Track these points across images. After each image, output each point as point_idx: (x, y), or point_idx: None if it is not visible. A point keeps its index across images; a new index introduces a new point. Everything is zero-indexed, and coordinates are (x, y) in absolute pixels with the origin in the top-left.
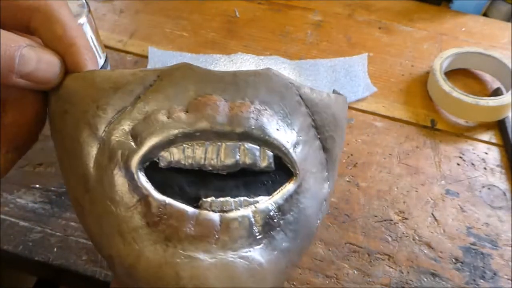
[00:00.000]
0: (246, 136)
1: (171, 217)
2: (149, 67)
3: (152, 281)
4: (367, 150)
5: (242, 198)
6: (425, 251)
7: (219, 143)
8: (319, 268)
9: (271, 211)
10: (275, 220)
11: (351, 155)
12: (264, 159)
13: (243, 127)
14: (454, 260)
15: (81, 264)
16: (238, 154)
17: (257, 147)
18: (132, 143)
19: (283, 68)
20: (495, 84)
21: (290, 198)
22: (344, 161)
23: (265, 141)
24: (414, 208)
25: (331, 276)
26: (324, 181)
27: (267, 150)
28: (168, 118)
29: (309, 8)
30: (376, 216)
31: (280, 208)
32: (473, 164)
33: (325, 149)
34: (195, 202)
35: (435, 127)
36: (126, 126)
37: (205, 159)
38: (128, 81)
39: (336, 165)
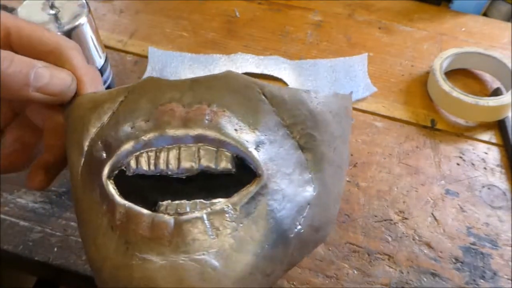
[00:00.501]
0: (202, 138)
1: (130, 220)
2: (149, 67)
3: (112, 283)
4: (367, 150)
5: (198, 201)
6: (425, 251)
7: (178, 148)
8: (319, 268)
9: (227, 212)
10: (232, 222)
11: (351, 155)
12: (222, 161)
13: (196, 129)
14: (454, 260)
15: (81, 264)
16: (195, 157)
17: (214, 148)
18: (104, 155)
19: (283, 68)
20: (495, 84)
21: (252, 199)
22: None
23: (221, 142)
24: (414, 208)
25: (331, 276)
26: (305, 184)
27: (225, 152)
28: (131, 128)
29: (309, 8)
30: (376, 216)
31: (238, 210)
32: (473, 164)
33: (303, 148)
34: (154, 206)
35: (435, 127)
36: (101, 140)
37: (166, 165)
38: (103, 99)
39: (324, 165)
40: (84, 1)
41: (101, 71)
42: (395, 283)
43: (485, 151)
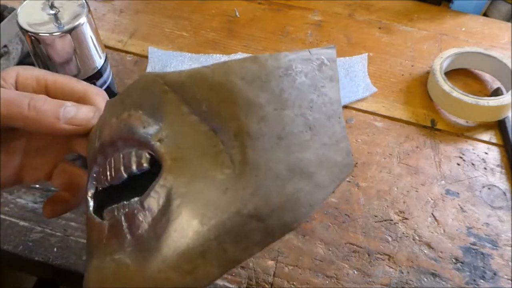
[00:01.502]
0: (117, 142)
1: (90, 227)
2: (149, 67)
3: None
4: (367, 150)
5: (122, 203)
6: (425, 251)
7: (111, 158)
8: (319, 268)
9: (136, 209)
10: (142, 219)
11: (351, 155)
12: (137, 161)
13: (115, 134)
14: (454, 260)
15: (81, 264)
16: (121, 163)
17: (132, 151)
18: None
19: None
20: (495, 84)
21: (155, 194)
22: None
23: (132, 142)
24: (414, 208)
25: (331, 276)
26: (221, 167)
27: (139, 151)
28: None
29: (309, 8)
30: (376, 216)
31: (144, 206)
32: (473, 164)
33: (215, 129)
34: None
35: (435, 127)
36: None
37: (105, 180)
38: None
39: (244, 141)
40: (84, 1)
41: (101, 71)
42: (395, 283)
43: (485, 151)
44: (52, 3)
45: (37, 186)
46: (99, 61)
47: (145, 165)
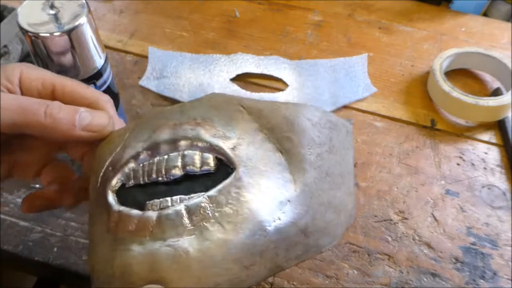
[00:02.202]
0: (180, 139)
1: (121, 220)
2: (149, 67)
3: (100, 277)
4: (367, 150)
5: (179, 196)
6: (425, 251)
7: (164, 156)
8: (319, 268)
9: (202, 202)
10: (208, 211)
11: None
12: (202, 162)
13: (178, 135)
14: (454, 260)
15: (81, 264)
16: (179, 161)
17: (196, 152)
18: (112, 174)
19: (283, 68)
20: (495, 84)
21: (226, 191)
22: None
23: (201, 144)
24: (414, 208)
25: (331, 276)
26: (286, 183)
27: (205, 153)
28: (135, 152)
29: (309, 8)
30: (376, 216)
31: (213, 200)
32: (473, 164)
33: (282, 151)
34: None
35: (435, 127)
36: (112, 165)
37: (155, 172)
38: (117, 134)
39: (305, 166)
40: (84, 1)
41: (101, 71)
42: (395, 283)
43: (485, 151)
44: (52, 3)
45: (37, 186)
46: (99, 61)
47: (212, 165)
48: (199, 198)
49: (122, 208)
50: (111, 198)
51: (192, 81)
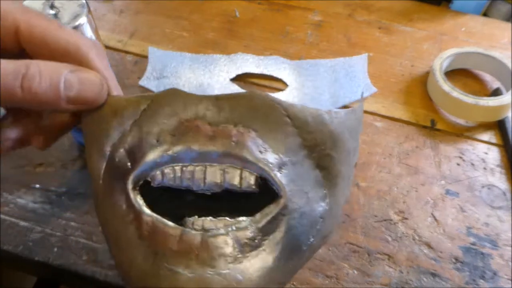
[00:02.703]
0: (228, 158)
1: (158, 232)
2: (149, 67)
3: (140, 287)
4: (367, 150)
5: (222, 218)
6: (425, 251)
7: (204, 165)
8: (319, 268)
9: (250, 231)
10: (256, 241)
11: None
12: (246, 181)
13: (224, 150)
14: (454, 260)
15: (81, 264)
16: (221, 175)
17: (239, 168)
18: (129, 164)
19: (283, 68)
20: (495, 84)
21: (273, 219)
22: None
23: (246, 163)
24: (414, 208)
25: (331, 276)
26: (320, 200)
27: (248, 172)
28: (157, 141)
29: (309, 8)
30: (376, 216)
31: (261, 229)
32: (473, 164)
33: (320, 167)
34: (180, 219)
35: (435, 127)
36: (124, 147)
37: (191, 180)
38: (123, 106)
39: (338, 181)
40: (84, 1)
41: None
42: (395, 283)
43: (485, 151)
44: (52, 3)
45: (37, 186)
46: None
47: (255, 186)
48: (245, 224)
49: (156, 217)
50: (139, 199)
51: (192, 81)
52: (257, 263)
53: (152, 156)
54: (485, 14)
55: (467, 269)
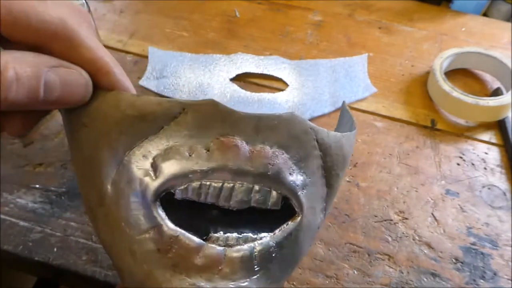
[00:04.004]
0: (262, 179)
1: (181, 247)
2: (149, 67)
3: None
4: (367, 150)
5: (246, 235)
6: (425, 251)
7: (234, 183)
8: (319, 268)
9: (270, 247)
10: (273, 255)
11: (351, 155)
12: (272, 200)
13: (260, 171)
14: (454, 260)
15: (81, 264)
16: (251, 194)
17: (268, 189)
18: (152, 173)
19: (283, 68)
20: (495, 84)
21: (290, 235)
22: None
23: (278, 184)
24: (414, 208)
25: (331, 276)
26: (321, 212)
27: (275, 192)
28: (189, 154)
29: (309, 8)
30: (376, 216)
31: (279, 244)
32: (473, 164)
33: (328, 185)
34: (205, 234)
35: (435, 127)
36: (147, 156)
37: (218, 196)
38: (153, 110)
39: (335, 194)
40: (84, 1)
41: None
42: (395, 283)
43: (485, 151)
44: None
45: (37, 186)
46: None
47: (279, 205)
48: (266, 241)
49: (180, 232)
50: (160, 212)
51: (192, 81)
52: (271, 274)
53: (182, 169)
54: (485, 14)
55: (467, 269)
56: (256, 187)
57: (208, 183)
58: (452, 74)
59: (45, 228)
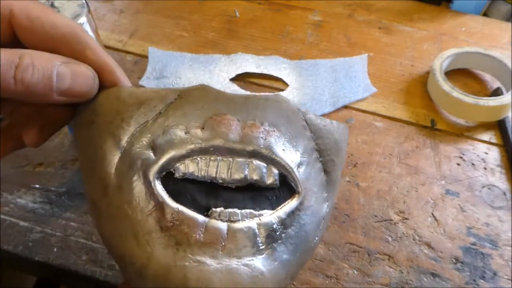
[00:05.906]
0: (255, 154)
1: (183, 223)
2: (149, 67)
3: (161, 281)
4: (367, 150)
5: (248, 211)
6: (425, 251)
7: (231, 159)
8: (319, 268)
9: (274, 224)
10: (277, 233)
11: (351, 155)
12: (270, 176)
13: (253, 145)
14: (454, 260)
15: (81, 264)
16: (247, 170)
17: (265, 165)
18: (152, 154)
19: (283, 68)
20: (495, 84)
21: (292, 213)
22: None
23: (272, 160)
24: (414, 208)
25: (331, 276)
26: (324, 201)
27: (273, 168)
28: (185, 133)
29: (309, 8)
30: (376, 216)
31: (282, 222)
32: (473, 164)
33: (325, 171)
34: (205, 211)
35: (435, 127)
36: (147, 138)
37: (216, 173)
38: (150, 97)
39: (336, 186)
40: (84, 1)
41: None
42: (395, 283)
43: (485, 151)
44: (52, 3)
45: (37, 186)
46: None
47: (277, 182)
48: (269, 218)
49: (181, 208)
50: (161, 190)
51: (192, 81)
52: (278, 255)
53: (181, 147)
54: (485, 14)
55: (467, 269)
56: (252, 163)
57: (205, 160)
58: (452, 74)
59: (45, 228)
